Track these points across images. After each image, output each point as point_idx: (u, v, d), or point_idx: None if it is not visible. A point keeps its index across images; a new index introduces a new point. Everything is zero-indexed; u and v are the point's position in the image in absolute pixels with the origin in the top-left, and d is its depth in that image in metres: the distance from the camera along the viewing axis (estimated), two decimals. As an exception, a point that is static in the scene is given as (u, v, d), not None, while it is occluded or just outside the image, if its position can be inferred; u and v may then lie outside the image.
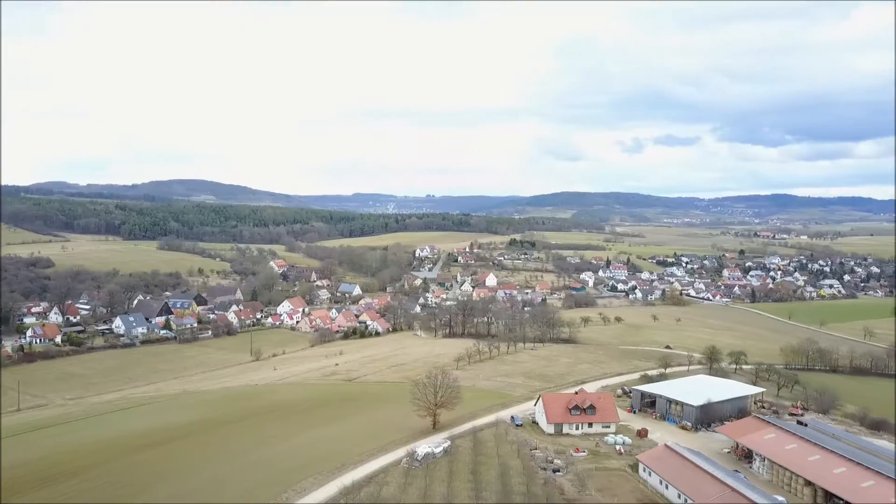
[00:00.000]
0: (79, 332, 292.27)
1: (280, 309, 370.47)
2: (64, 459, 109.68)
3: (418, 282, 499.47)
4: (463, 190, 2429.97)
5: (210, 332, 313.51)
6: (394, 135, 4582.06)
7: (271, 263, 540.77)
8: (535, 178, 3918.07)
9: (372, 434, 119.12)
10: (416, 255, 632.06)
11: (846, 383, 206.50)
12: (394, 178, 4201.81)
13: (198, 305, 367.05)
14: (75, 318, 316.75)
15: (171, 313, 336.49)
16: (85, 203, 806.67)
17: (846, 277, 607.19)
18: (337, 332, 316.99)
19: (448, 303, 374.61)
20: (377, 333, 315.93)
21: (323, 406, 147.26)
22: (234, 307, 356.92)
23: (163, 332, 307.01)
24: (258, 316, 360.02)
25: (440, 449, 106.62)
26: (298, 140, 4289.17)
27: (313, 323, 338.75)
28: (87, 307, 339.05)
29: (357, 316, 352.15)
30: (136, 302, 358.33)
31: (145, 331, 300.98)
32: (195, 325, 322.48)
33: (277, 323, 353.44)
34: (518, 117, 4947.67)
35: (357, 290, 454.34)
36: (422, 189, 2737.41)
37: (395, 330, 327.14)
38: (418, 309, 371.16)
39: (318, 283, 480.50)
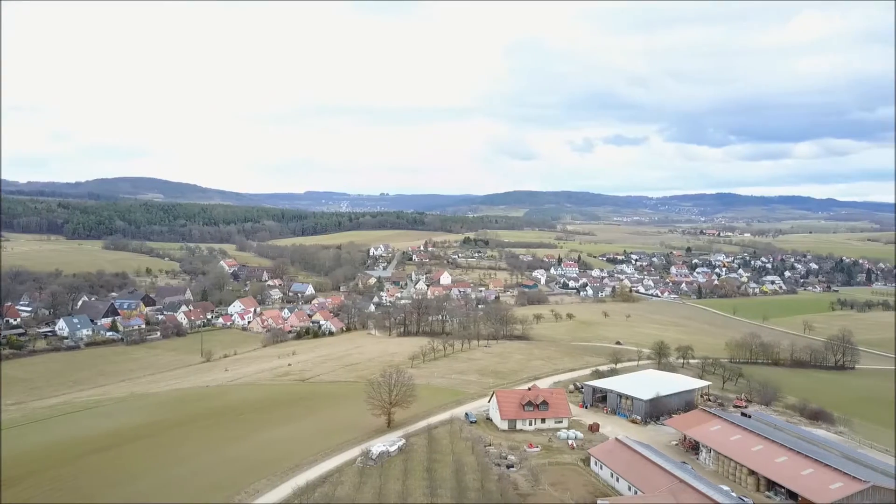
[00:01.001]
0: (19, 334, 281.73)
1: (231, 309, 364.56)
2: (5, 466, 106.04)
3: (372, 281, 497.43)
4: (417, 188, 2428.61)
5: (159, 334, 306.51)
6: (347, 132, 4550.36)
7: (222, 263, 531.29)
8: (488, 176, 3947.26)
9: (326, 434, 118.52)
10: (371, 253, 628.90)
11: (787, 376, 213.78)
12: (347, 177, 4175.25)
13: (146, 306, 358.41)
14: (15, 320, 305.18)
15: (118, 314, 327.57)
16: (25, 201, 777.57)
17: (787, 274, 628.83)
18: (289, 332, 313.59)
19: (403, 301, 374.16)
20: (331, 333, 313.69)
21: (276, 407, 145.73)
22: (184, 307, 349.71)
23: (109, 333, 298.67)
24: (208, 316, 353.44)
25: (395, 447, 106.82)
26: (249, 137, 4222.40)
27: (265, 323, 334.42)
28: (29, 309, 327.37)
29: (310, 316, 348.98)
30: (80, 303, 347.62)
31: (90, 333, 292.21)
32: (143, 326, 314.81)
33: (228, 323, 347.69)
34: (471, 116, 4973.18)
35: (310, 290, 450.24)
36: (376, 187, 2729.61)
37: (348, 329, 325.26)
38: (372, 308, 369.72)
39: (270, 282, 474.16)
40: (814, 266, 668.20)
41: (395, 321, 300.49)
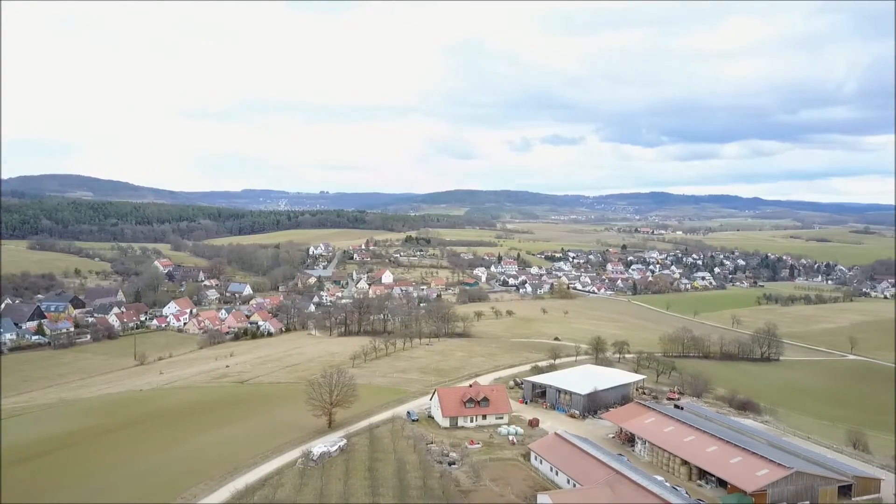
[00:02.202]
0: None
1: (166, 310, 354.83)
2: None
3: (312, 280, 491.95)
4: (358, 186, 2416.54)
5: (89, 337, 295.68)
6: (286, 130, 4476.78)
7: (156, 263, 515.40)
8: (429, 175, 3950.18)
9: (265, 436, 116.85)
10: (310, 252, 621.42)
11: (717, 368, 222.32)
12: (286, 175, 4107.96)
13: (74, 308, 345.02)
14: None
15: (45, 317, 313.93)
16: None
17: (716, 270, 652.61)
18: (227, 333, 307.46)
19: (344, 301, 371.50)
20: (269, 334, 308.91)
21: (213, 409, 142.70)
22: (116, 309, 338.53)
23: (35, 337, 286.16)
24: (142, 318, 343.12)
25: (336, 447, 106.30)
26: (184, 134, 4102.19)
27: (202, 324, 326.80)
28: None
29: (248, 316, 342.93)
30: (3, 306, 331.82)
31: (14, 337, 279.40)
32: (72, 329, 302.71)
33: (163, 325, 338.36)
34: (410, 115, 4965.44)
35: (248, 290, 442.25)
36: (315, 185, 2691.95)
37: (288, 330, 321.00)
38: (313, 308, 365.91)
39: (207, 282, 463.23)
40: (741, 262, 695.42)
41: (335, 321, 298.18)
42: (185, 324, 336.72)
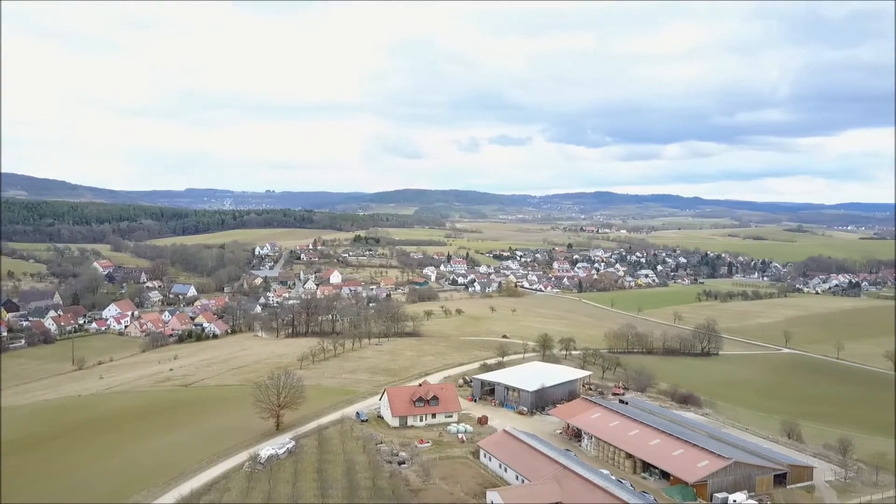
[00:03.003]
0: None
1: (106, 313, 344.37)
2: None
3: (259, 281, 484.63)
4: (305, 185, 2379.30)
5: (23, 341, 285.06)
6: (230, 128, 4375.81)
7: (95, 264, 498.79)
8: (378, 174, 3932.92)
9: (211, 440, 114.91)
10: (256, 253, 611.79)
11: (660, 363, 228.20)
12: (231, 173, 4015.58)
13: (7, 312, 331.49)
14: None
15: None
16: None
17: (659, 268, 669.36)
18: (171, 335, 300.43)
19: (291, 302, 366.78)
20: (215, 336, 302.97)
21: (157, 414, 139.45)
22: (52, 312, 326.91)
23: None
24: (80, 321, 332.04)
25: (284, 450, 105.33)
26: (122, 131, 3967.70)
27: (144, 327, 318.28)
28: None
29: (192, 318, 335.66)
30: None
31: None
32: (5, 333, 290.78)
33: (103, 328, 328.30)
34: (357, 114, 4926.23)
35: (192, 291, 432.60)
36: (261, 184, 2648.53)
37: (234, 331, 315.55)
38: (259, 309, 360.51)
39: (149, 284, 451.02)
40: (682, 260, 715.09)
41: (283, 322, 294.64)
42: (126, 327, 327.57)
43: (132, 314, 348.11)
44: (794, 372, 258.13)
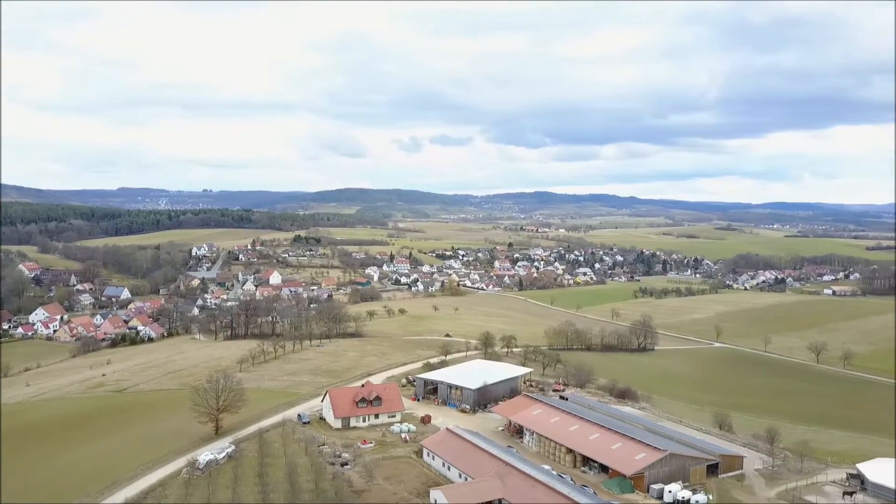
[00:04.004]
0: None
1: (33, 317, 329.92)
2: None
3: (196, 282, 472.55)
4: (244, 185, 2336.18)
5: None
6: (164, 126, 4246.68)
7: (20, 267, 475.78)
8: (318, 173, 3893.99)
9: (147, 446, 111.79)
10: (193, 253, 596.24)
11: (598, 359, 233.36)
12: (165, 173, 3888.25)
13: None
14: None
15: None
16: None
17: (597, 266, 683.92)
18: (103, 339, 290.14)
19: (229, 303, 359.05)
20: (150, 339, 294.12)
21: (89, 421, 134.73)
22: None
23: None
24: (5, 326, 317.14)
25: (224, 454, 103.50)
26: (50, 129, 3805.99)
27: (74, 331, 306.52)
28: None
29: (126, 321, 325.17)
30: None
31: None
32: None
33: (30, 333, 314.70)
34: (297, 112, 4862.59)
35: (126, 294, 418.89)
36: (198, 184, 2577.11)
37: (170, 335, 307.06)
38: (197, 311, 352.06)
39: (79, 287, 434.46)
40: (619, 258, 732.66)
41: (221, 324, 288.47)
42: (55, 331, 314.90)
43: (61, 318, 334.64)
44: (725, 365, 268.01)
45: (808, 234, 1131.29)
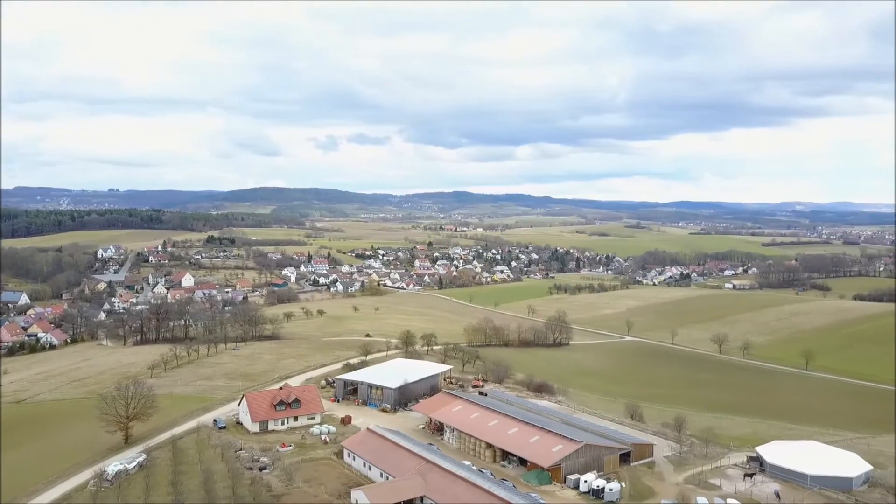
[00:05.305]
0: None
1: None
2: None
3: (102, 286, 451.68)
4: (153, 184, 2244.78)
5: None
6: (64, 122, 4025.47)
7: None
8: (232, 172, 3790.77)
9: (50, 459, 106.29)
10: (99, 256, 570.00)
11: (516, 355, 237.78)
12: (67, 171, 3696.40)
13: None
14: None
15: None
16: None
17: (513, 263, 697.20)
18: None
19: (139, 307, 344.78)
20: (52, 346, 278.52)
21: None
22: None
23: None
24: None
25: (134, 464, 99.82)
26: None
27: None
28: None
29: (25, 328, 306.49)
30: None
31: None
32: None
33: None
34: (207, 109, 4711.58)
35: (24, 299, 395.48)
36: (103, 183, 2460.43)
37: (75, 341, 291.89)
38: (103, 316, 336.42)
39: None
40: (535, 256, 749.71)
41: (130, 329, 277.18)
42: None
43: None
44: (636, 358, 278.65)
45: (711, 231, 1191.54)
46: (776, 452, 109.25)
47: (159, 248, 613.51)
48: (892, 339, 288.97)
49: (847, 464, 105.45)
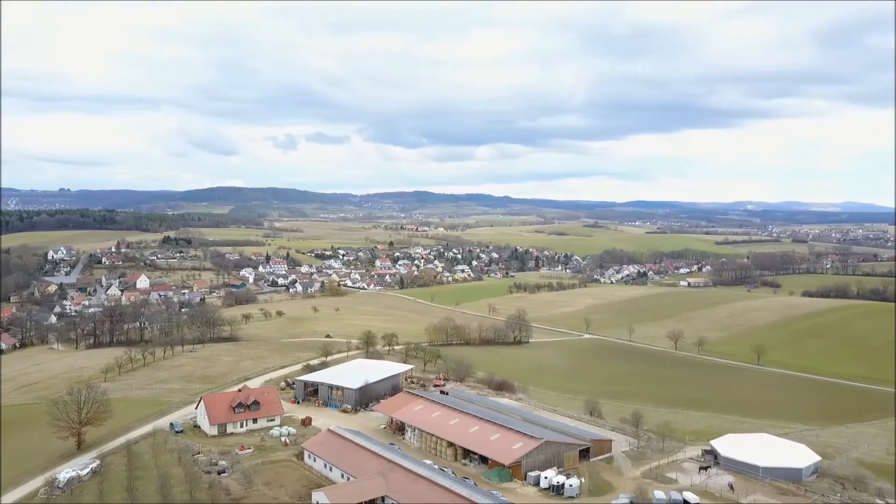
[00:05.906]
0: None
1: None
2: None
3: (53, 288, 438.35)
4: (106, 184, 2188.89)
5: None
6: (9, 118, 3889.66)
7: None
8: (188, 172, 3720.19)
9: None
10: (49, 257, 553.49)
11: (477, 353, 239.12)
12: (14, 170, 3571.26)
13: None
14: None
15: None
16: None
17: (474, 263, 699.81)
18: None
19: (92, 310, 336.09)
20: (0, 351, 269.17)
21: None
22: None
23: None
24: None
25: (87, 470, 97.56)
26: None
27: None
28: None
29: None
30: None
31: None
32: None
33: None
34: (161, 107, 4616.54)
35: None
36: (53, 182, 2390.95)
37: (24, 345, 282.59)
38: (54, 319, 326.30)
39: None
40: (495, 255, 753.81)
41: (83, 332, 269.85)
42: None
43: None
44: (595, 355, 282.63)
45: (666, 230, 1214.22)
46: (729, 445, 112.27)
47: (113, 250, 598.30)
48: (836, 334, 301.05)
49: (797, 455, 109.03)
